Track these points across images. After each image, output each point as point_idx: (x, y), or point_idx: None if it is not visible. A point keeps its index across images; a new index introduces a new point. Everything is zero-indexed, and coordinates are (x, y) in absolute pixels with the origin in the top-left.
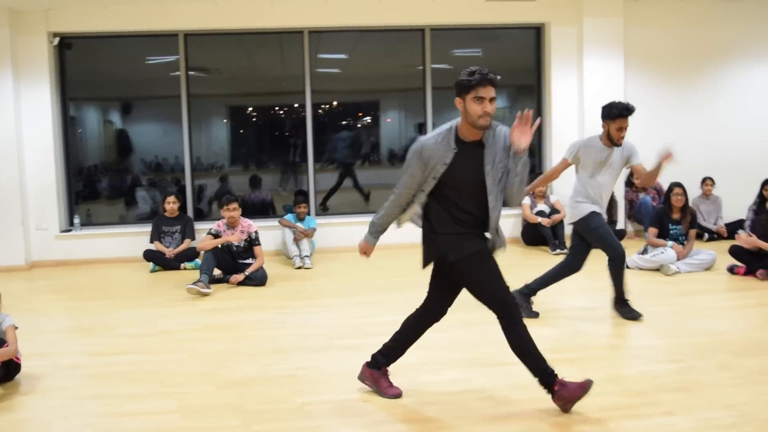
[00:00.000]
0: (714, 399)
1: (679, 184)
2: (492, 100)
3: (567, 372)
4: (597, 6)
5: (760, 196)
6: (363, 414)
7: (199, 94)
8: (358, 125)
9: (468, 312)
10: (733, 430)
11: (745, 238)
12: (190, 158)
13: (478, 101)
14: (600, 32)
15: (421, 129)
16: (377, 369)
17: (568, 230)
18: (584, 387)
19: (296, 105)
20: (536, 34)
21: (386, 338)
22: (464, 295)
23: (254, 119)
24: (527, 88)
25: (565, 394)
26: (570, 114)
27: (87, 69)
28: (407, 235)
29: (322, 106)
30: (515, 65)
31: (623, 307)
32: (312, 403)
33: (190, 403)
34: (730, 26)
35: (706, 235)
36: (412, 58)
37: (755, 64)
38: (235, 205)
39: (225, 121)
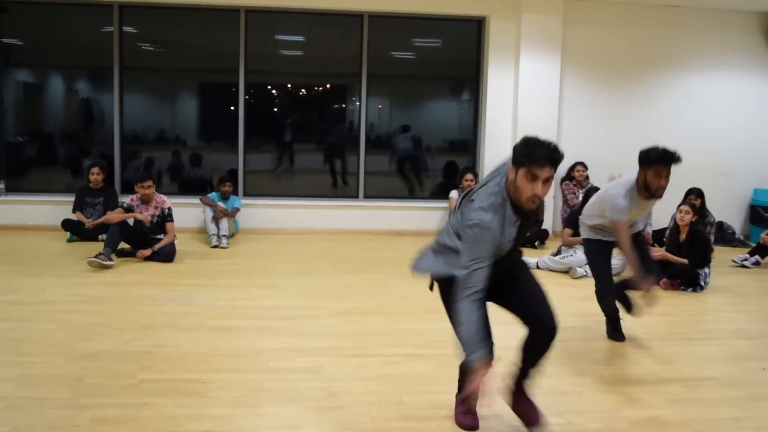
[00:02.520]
0: (549, 405)
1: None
2: (547, 180)
3: (423, 368)
4: (537, 3)
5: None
6: (193, 395)
7: (140, 66)
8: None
9: (350, 302)
10: None
11: (654, 251)
12: (120, 129)
13: (532, 179)
14: (538, 29)
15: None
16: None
17: None
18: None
19: (288, 85)
20: (478, 27)
21: (260, 322)
22: (347, 283)
23: (225, 97)
24: (472, 80)
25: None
26: (505, 109)
27: (32, 35)
28: (328, 220)
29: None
30: (467, 58)
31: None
32: (150, 381)
33: (33, 373)
34: (670, 33)
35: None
36: (374, 43)
37: (694, 73)
38: (149, 182)
39: (194, 97)
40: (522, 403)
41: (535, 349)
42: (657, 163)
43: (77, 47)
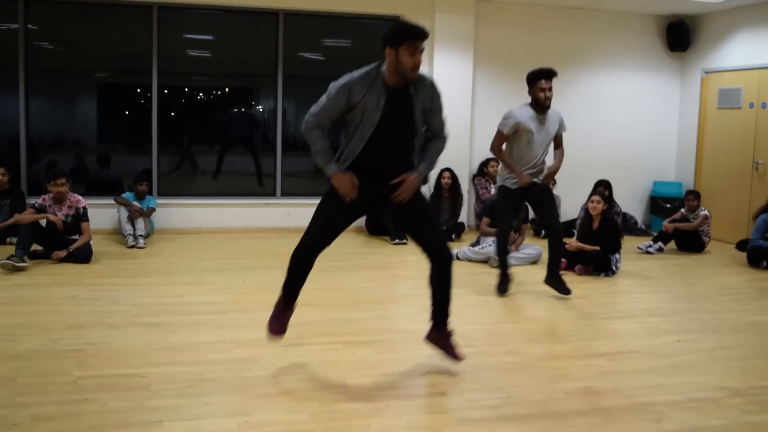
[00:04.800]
0: (488, 382)
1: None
2: (421, 51)
3: (362, 354)
4: (449, 3)
5: None
6: (134, 388)
7: (43, 67)
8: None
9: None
10: (494, 409)
11: (570, 244)
12: (26, 131)
13: (411, 52)
14: (451, 29)
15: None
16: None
17: None
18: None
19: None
20: None
21: (190, 317)
22: (274, 278)
23: (133, 98)
24: None
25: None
26: None
27: None
28: (245, 219)
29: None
30: (379, 58)
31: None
32: (87, 377)
33: None
34: (575, 33)
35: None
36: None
37: (597, 72)
38: (62, 180)
39: (95, 98)
40: (443, 339)
41: (439, 279)
42: (539, 78)
43: None
